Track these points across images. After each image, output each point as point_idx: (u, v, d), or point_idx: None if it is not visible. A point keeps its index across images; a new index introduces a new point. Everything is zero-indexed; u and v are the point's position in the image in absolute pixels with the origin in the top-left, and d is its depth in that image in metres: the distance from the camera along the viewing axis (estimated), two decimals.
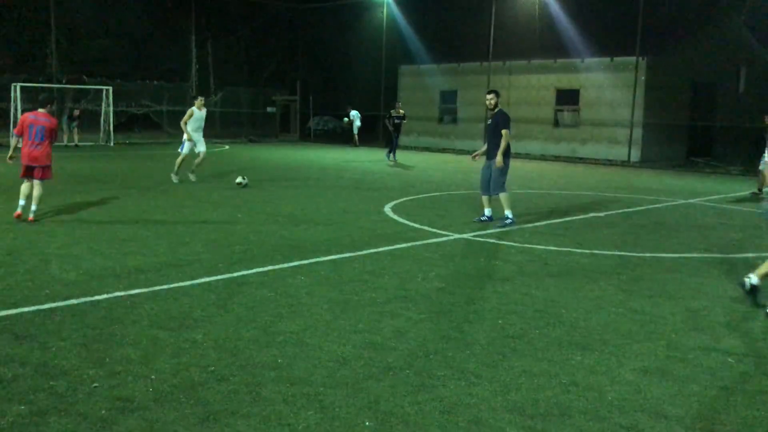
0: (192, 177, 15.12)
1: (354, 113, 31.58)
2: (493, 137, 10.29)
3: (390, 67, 34.68)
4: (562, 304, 6.31)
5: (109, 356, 4.71)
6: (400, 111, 22.81)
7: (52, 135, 9.58)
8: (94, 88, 29.72)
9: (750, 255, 8.75)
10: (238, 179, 14.28)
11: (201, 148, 15.07)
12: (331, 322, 5.59)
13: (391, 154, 22.50)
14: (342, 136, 33.34)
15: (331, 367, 4.63)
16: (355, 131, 31.62)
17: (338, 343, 5.07)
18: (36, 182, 9.60)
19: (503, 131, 10.12)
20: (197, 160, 15.13)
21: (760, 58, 28.89)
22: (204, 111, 15.08)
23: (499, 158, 10.15)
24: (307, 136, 38.36)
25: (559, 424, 3.89)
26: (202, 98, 15.24)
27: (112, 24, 37.09)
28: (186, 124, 14.77)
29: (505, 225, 10.23)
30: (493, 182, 10.35)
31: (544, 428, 3.84)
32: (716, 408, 4.17)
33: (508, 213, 10.35)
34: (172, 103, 34.06)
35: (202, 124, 15.10)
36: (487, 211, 10.62)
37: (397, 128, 22.45)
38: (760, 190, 15.58)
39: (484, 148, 10.66)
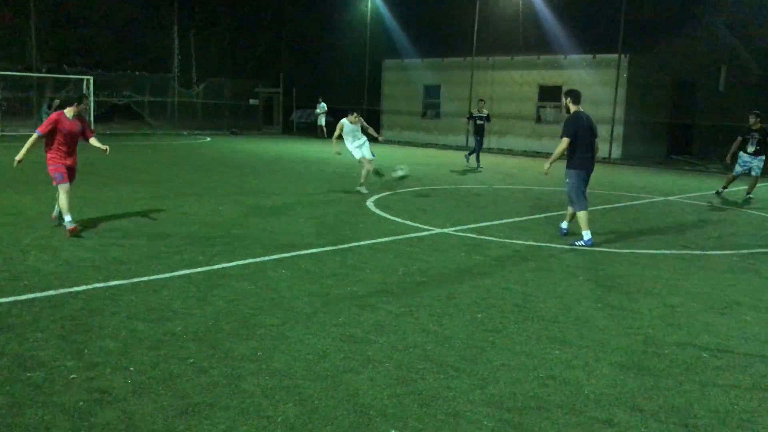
0: (364, 189, 13.38)
1: (322, 105, 32.15)
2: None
3: (374, 60, 34.64)
4: (541, 298, 6.37)
5: (87, 348, 4.68)
6: (484, 111, 19.98)
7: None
8: (75, 78, 29.41)
9: (727, 252, 8.88)
10: (398, 172, 12.67)
11: (365, 153, 13.58)
12: (311, 315, 5.59)
13: (471, 157, 20.21)
14: (327, 130, 33.36)
15: (311, 360, 4.64)
16: (322, 123, 32.12)
17: (318, 336, 5.08)
18: None
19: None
20: (366, 170, 13.54)
21: (740, 57, 29.24)
22: (357, 124, 13.53)
23: (546, 164, 9.12)
24: (290, 129, 38.23)
25: (536, 418, 3.94)
26: (357, 115, 13.73)
27: (93, 13, 36.70)
28: (336, 138, 13.50)
29: (575, 245, 8.85)
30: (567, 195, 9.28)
31: (521, 421, 3.88)
32: (690, 402, 4.24)
33: (583, 233, 8.89)
34: (154, 93, 33.82)
35: (357, 134, 13.57)
36: (564, 224, 9.49)
37: (480, 130, 19.76)
38: (724, 188, 15.12)
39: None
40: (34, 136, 8.28)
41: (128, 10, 37.20)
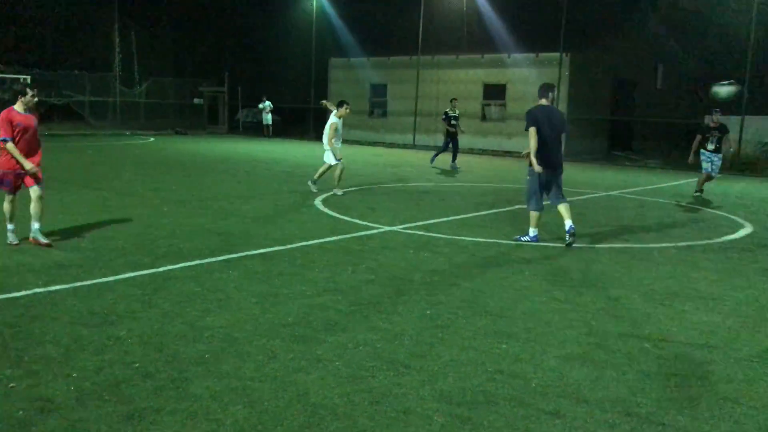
0: (339, 191, 12.96)
1: (267, 104, 32.05)
2: None
3: (320, 59, 34.52)
4: (489, 294, 6.45)
5: (27, 355, 4.54)
6: (456, 110, 19.62)
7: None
8: (11, 77, 28.42)
9: (666, 245, 9.15)
10: (723, 89, 10.39)
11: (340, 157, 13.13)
12: (260, 316, 5.54)
13: (449, 159, 19.65)
14: (273, 129, 33.07)
15: (260, 361, 4.60)
16: (268, 121, 31.82)
17: (267, 337, 5.04)
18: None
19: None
20: (338, 172, 13.05)
21: (676, 56, 30.21)
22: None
23: (533, 160, 8.60)
24: (236, 129, 37.78)
25: (485, 411, 3.99)
26: (347, 105, 13.19)
27: (28, 10, 35.56)
28: (332, 140, 12.88)
29: (520, 240, 8.98)
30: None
31: (471, 416, 3.93)
32: (633, 391, 4.35)
33: (530, 229, 8.99)
34: (94, 93, 32.99)
35: (341, 131, 13.24)
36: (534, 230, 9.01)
37: (452, 129, 19.24)
38: (701, 190, 14.74)
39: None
40: (9, 143, 7.45)
41: (67, 8, 36.18)
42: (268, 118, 32.74)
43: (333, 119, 12.85)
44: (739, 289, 6.98)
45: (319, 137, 13.82)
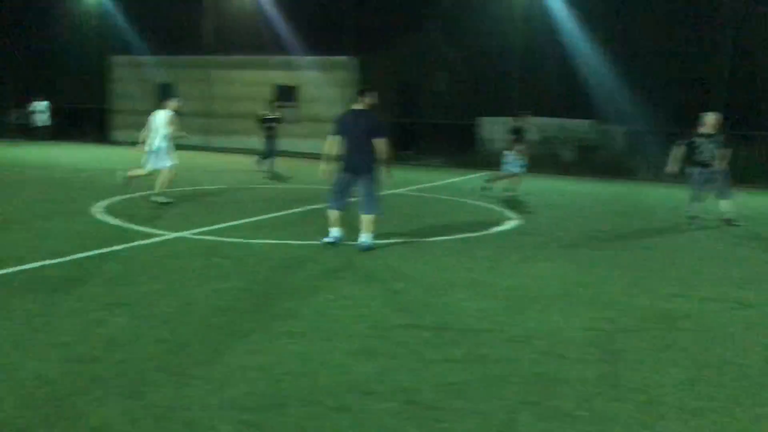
0: (160, 198, 12.13)
1: (41, 104, 30.03)
2: None
3: (102, 56, 32.43)
4: (277, 295, 6.48)
5: None
6: (276, 112, 18.77)
7: None
8: None
9: (444, 237, 9.79)
10: None
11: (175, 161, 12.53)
12: (29, 337, 5.09)
13: (266, 162, 18.44)
14: (49, 130, 30.44)
15: (30, 386, 4.23)
16: (42, 122, 29.76)
17: (38, 360, 4.65)
18: None
19: None
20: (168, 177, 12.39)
21: (454, 62, 32.44)
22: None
23: (321, 166, 9.11)
24: (4, 132, 34.23)
25: (274, 415, 4.00)
26: (179, 99, 12.26)
27: None
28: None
29: (323, 241, 8.97)
30: None
31: (259, 420, 3.93)
32: (417, 380, 4.60)
33: (330, 229, 9.05)
34: None
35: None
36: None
37: (271, 132, 18.32)
38: (489, 181, 15.50)
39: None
40: None
41: None
42: (42, 118, 30.11)
43: (169, 112, 12.26)
44: (507, 276, 7.67)
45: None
